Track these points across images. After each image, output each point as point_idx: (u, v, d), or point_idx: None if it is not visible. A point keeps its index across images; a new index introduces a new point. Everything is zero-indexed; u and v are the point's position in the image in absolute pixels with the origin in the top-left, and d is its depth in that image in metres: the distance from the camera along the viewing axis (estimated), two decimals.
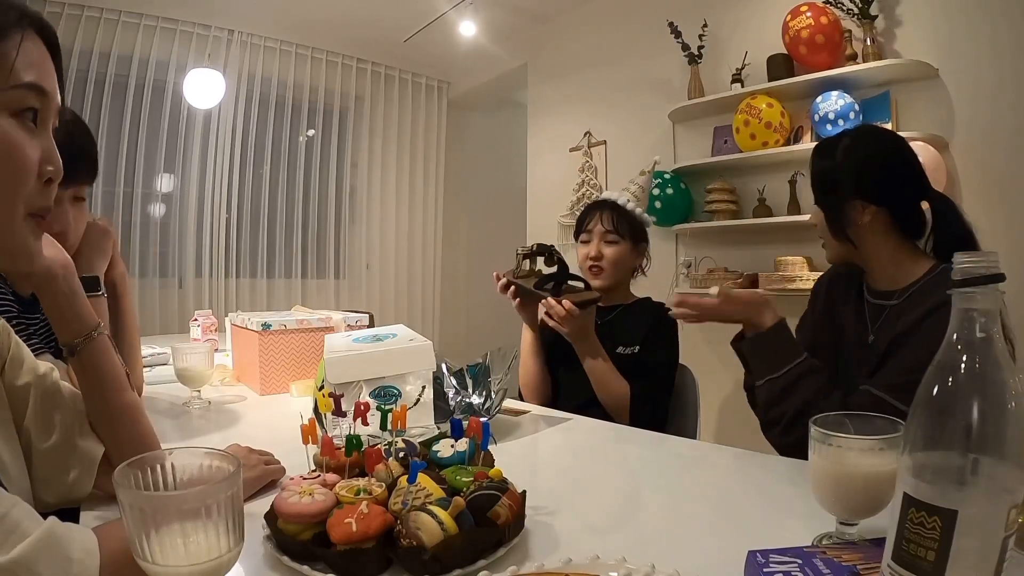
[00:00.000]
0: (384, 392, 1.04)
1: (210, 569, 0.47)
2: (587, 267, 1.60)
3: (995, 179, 2.13)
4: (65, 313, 0.73)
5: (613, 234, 1.57)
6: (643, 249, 1.65)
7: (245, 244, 3.86)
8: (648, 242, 1.66)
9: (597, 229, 1.59)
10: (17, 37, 0.50)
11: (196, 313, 2.16)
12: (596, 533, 0.70)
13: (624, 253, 1.59)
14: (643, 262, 1.67)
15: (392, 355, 1.08)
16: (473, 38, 3.64)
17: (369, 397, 1.02)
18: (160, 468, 0.51)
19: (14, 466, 0.67)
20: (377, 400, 1.02)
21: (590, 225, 1.61)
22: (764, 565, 0.55)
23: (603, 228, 1.58)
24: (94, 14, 3.21)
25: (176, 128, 3.56)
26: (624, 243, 1.58)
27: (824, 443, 0.61)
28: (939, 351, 0.45)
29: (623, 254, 1.59)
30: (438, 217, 4.64)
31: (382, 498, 0.62)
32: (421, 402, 1.05)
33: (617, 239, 1.58)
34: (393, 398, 1.04)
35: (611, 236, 1.57)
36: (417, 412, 1.04)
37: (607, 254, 1.57)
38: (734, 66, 2.75)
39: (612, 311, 1.60)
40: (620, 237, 1.58)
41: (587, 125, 3.61)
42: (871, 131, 1.15)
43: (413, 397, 1.05)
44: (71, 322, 0.73)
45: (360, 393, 1.02)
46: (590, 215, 1.63)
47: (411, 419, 0.95)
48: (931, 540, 0.42)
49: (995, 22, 2.11)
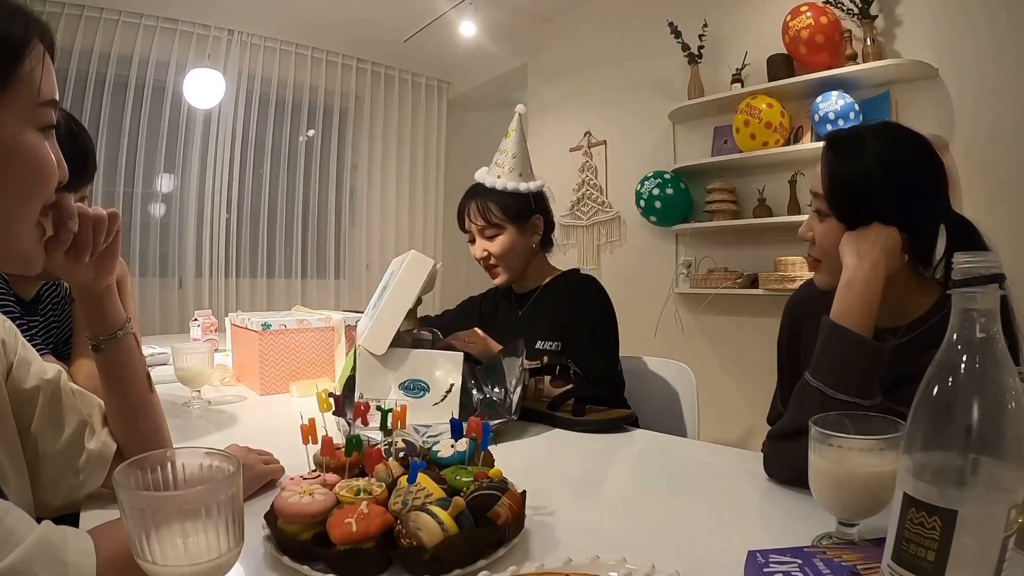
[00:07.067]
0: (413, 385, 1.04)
1: (210, 569, 0.47)
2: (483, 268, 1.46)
3: (995, 179, 2.13)
4: (100, 308, 0.73)
5: (489, 227, 1.41)
6: (536, 223, 1.44)
7: (245, 244, 3.86)
8: (541, 211, 1.45)
9: (473, 227, 1.43)
10: (37, 50, 0.51)
11: (196, 313, 2.16)
12: (596, 533, 0.70)
13: (512, 241, 1.41)
14: (541, 235, 1.46)
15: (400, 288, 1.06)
16: (473, 38, 3.64)
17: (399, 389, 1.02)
18: (160, 468, 0.51)
19: (13, 472, 0.67)
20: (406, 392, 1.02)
21: (466, 223, 1.45)
22: (764, 565, 0.55)
23: (476, 224, 1.42)
24: (94, 14, 3.21)
25: (176, 128, 3.56)
26: (507, 229, 1.41)
27: (824, 443, 0.61)
28: (939, 351, 0.46)
29: (511, 242, 1.41)
30: (438, 217, 4.63)
31: (382, 498, 0.62)
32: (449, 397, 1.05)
33: (495, 231, 1.41)
34: (422, 391, 1.03)
35: (488, 230, 1.41)
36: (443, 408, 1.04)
37: (492, 250, 1.41)
38: (734, 66, 2.75)
39: (528, 298, 1.47)
40: (498, 227, 1.40)
41: (587, 125, 3.61)
42: (905, 137, 0.88)
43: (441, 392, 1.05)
44: (104, 318, 0.74)
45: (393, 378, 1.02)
46: (463, 209, 1.45)
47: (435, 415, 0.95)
48: (931, 540, 0.42)
49: (995, 22, 2.11)
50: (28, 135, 0.52)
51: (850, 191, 0.86)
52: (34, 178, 0.52)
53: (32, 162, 0.52)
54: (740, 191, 2.83)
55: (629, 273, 3.36)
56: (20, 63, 0.50)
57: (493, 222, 1.40)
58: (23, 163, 0.51)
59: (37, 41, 0.52)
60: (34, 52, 0.51)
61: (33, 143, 0.52)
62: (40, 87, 0.51)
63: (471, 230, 1.45)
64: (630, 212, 3.26)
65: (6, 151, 0.50)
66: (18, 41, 0.50)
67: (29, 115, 0.51)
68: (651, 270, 3.24)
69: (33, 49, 0.51)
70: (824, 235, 0.89)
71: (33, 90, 0.51)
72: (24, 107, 0.51)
